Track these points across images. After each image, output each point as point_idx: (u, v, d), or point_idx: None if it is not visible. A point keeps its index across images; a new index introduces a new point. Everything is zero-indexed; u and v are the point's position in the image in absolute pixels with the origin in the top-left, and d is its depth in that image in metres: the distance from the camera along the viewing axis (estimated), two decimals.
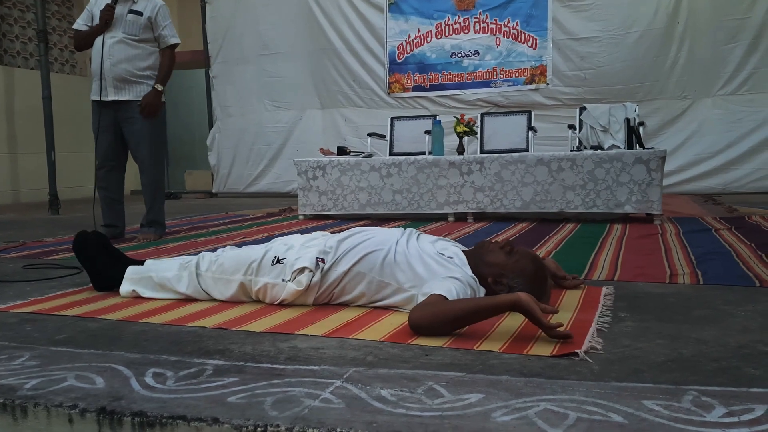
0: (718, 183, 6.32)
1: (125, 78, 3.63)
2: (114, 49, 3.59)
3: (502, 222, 4.36)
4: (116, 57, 3.60)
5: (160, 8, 3.73)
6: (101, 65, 3.57)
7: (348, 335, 1.64)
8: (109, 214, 3.79)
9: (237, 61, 7.88)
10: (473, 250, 2.00)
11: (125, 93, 3.65)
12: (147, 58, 3.69)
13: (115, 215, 3.80)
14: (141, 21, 3.64)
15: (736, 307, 1.86)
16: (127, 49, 3.62)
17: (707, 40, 6.28)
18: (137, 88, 3.67)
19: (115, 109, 3.67)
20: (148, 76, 3.71)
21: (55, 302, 2.11)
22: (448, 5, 7.05)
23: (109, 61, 3.58)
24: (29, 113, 7.65)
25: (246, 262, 2.04)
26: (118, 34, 3.59)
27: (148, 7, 3.68)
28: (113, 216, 3.80)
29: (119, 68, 3.60)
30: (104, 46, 3.57)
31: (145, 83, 3.69)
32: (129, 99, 3.66)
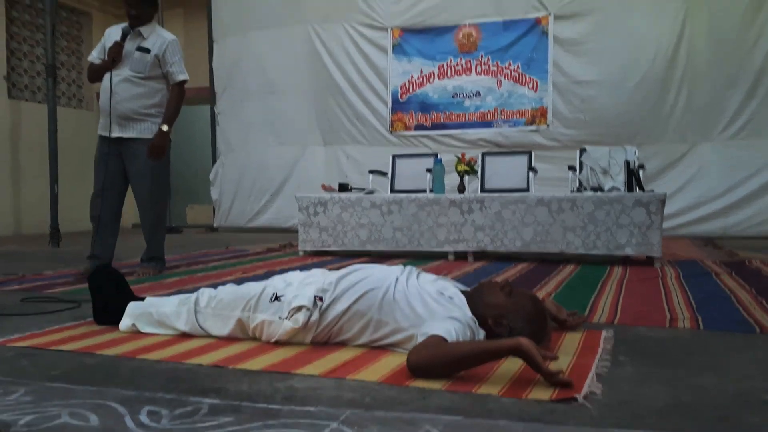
0: (718, 227, 6.33)
1: (129, 116, 3.63)
2: (119, 87, 3.58)
3: (503, 262, 4.36)
4: (121, 95, 3.59)
5: (169, 44, 3.68)
6: (109, 103, 3.57)
7: (345, 375, 1.63)
8: (96, 244, 3.67)
9: (242, 98, 7.99)
10: (473, 291, 2.00)
11: (129, 130, 3.65)
12: (153, 96, 3.68)
13: (103, 247, 3.67)
14: (148, 59, 3.62)
15: (735, 354, 1.85)
16: (131, 87, 3.61)
17: (706, 85, 6.37)
18: (141, 126, 3.67)
19: (119, 146, 3.67)
20: (154, 114, 3.70)
21: (53, 336, 2.10)
22: (450, 47, 7.18)
23: (114, 99, 3.58)
24: (34, 146, 7.73)
25: (244, 299, 2.04)
26: (124, 72, 3.59)
27: (156, 43, 3.65)
28: (101, 248, 3.67)
29: (123, 107, 3.60)
30: (111, 84, 3.57)
31: (149, 120, 3.68)
32: (133, 136, 3.66)
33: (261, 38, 7.82)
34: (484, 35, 7.05)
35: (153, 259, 3.84)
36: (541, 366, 1.49)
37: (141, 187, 3.73)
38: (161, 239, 3.89)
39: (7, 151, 7.70)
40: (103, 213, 3.66)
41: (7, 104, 7.80)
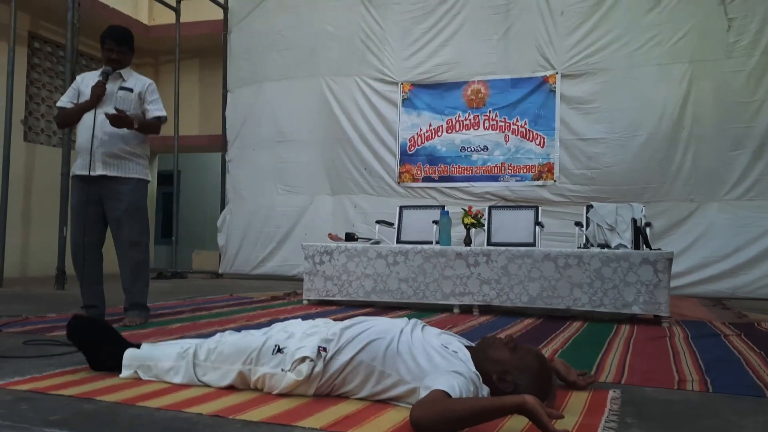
0: (726, 287, 6.26)
1: (116, 154, 3.56)
2: (105, 125, 3.50)
3: (508, 317, 4.32)
4: (107, 133, 3.51)
5: (149, 85, 3.72)
6: (91, 141, 3.48)
7: (347, 429, 1.60)
8: (87, 295, 3.61)
9: (253, 146, 8.11)
10: (477, 346, 1.98)
11: (113, 169, 3.57)
12: (137, 136, 3.64)
13: (92, 296, 3.62)
14: (132, 97, 3.62)
15: (744, 418, 1.81)
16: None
17: (712, 146, 6.42)
18: (126, 165, 3.60)
19: (99, 185, 3.57)
20: (138, 154, 3.66)
21: (53, 381, 2.09)
22: (459, 102, 7.30)
23: (100, 138, 3.49)
24: (45, 189, 7.83)
25: (245, 352, 2.02)
26: (109, 110, 3.52)
27: (138, 84, 3.69)
28: (91, 296, 3.61)
29: (110, 143, 3.52)
30: (96, 122, 3.49)
31: (134, 161, 3.63)
32: (116, 175, 3.57)
33: (274, 89, 8.00)
34: (492, 92, 7.18)
35: (135, 306, 3.65)
36: (547, 425, 1.46)
37: (121, 230, 3.62)
38: (144, 285, 3.71)
39: (20, 192, 7.80)
40: (85, 260, 3.57)
41: (23, 147, 7.94)
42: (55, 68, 8.67)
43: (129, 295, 3.66)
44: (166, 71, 9.74)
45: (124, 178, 3.61)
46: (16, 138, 7.36)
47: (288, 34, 7.98)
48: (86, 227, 3.57)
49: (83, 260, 3.58)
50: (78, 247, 3.61)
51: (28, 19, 8.04)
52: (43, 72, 8.54)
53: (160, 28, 9.47)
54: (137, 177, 3.67)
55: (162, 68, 9.99)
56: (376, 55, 7.60)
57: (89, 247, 3.60)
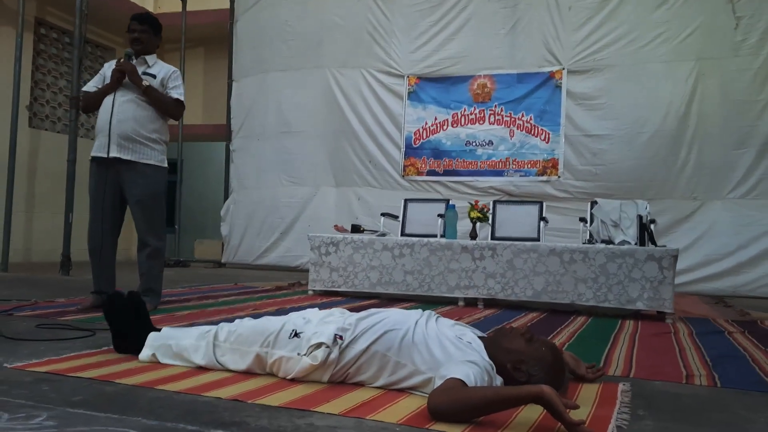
0: (728, 285, 6.30)
1: (131, 137, 3.56)
2: (123, 107, 3.55)
3: (513, 310, 4.35)
4: (124, 114, 3.54)
5: (173, 71, 3.76)
6: (110, 122, 3.51)
7: (365, 416, 1.63)
8: (99, 280, 3.65)
9: (258, 137, 8.12)
10: (492, 337, 2.01)
11: (129, 153, 3.58)
12: (155, 121, 3.67)
13: (104, 282, 3.64)
14: (155, 83, 3.66)
15: (754, 413, 1.84)
16: (136, 109, 3.59)
17: (717, 144, 6.44)
18: (142, 150, 3.62)
19: (116, 170, 3.59)
20: (155, 139, 3.67)
21: (71, 363, 2.11)
22: (465, 97, 7.31)
23: (116, 118, 3.52)
24: (50, 175, 7.84)
25: (263, 334, 2.05)
26: (129, 95, 3.57)
27: (162, 70, 3.73)
28: (103, 282, 3.64)
29: (126, 126, 3.54)
30: (114, 104, 3.53)
31: (150, 146, 3.65)
32: (132, 160, 3.59)
33: (279, 80, 8.00)
34: (498, 86, 7.19)
35: (148, 292, 3.67)
36: (564, 415, 1.48)
37: (139, 213, 3.66)
38: (159, 272, 3.77)
39: (24, 178, 7.81)
40: (100, 244, 3.60)
41: (28, 133, 7.94)
42: (60, 54, 8.66)
43: (144, 280, 3.71)
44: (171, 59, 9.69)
45: (139, 164, 3.62)
46: (21, 124, 7.37)
47: (295, 24, 7.98)
48: (102, 211, 3.59)
49: (101, 245, 3.60)
50: (94, 231, 3.63)
51: (34, 5, 8.03)
52: (49, 58, 8.54)
53: (166, 17, 9.42)
54: (154, 163, 3.69)
55: (167, 56, 9.97)
56: (382, 47, 7.60)
57: (104, 232, 3.62)
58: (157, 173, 3.70)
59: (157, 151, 3.72)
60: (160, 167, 3.73)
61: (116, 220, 3.72)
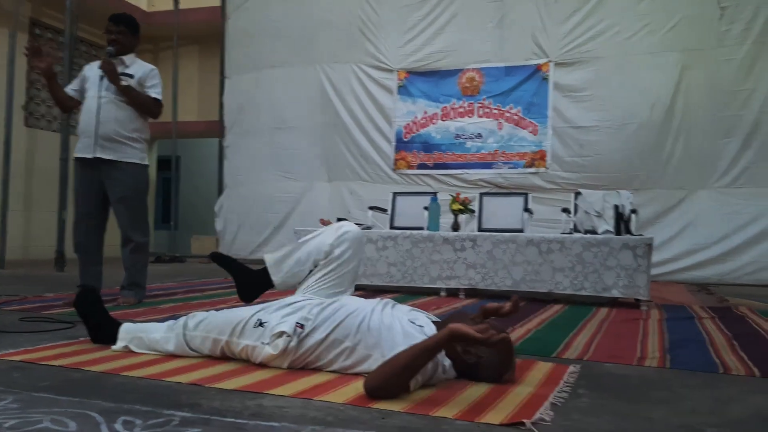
0: (713, 273, 6.36)
1: (112, 137, 3.65)
2: (104, 108, 3.63)
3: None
4: (105, 116, 3.63)
5: (151, 71, 3.83)
6: (92, 124, 3.60)
7: (313, 397, 1.72)
8: (85, 275, 3.74)
9: (251, 133, 8.20)
10: (445, 321, 2.09)
11: (110, 153, 3.66)
12: (135, 120, 3.74)
13: (91, 276, 3.74)
14: (132, 83, 3.73)
15: (692, 391, 1.93)
16: (116, 109, 3.67)
17: (702, 134, 6.49)
18: (123, 149, 3.70)
19: (99, 168, 3.68)
20: (135, 138, 3.75)
21: (45, 353, 2.21)
22: (454, 90, 7.37)
23: (99, 119, 3.62)
24: (46, 173, 7.95)
25: (233, 323, 2.15)
26: (108, 95, 3.65)
27: (140, 70, 3.80)
28: (89, 277, 3.73)
29: (107, 127, 3.63)
30: (97, 106, 3.62)
31: (131, 145, 3.73)
32: (113, 159, 3.67)
33: (272, 76, 8.07)
34: (486, 79, 7.25)
35: (133, 286, 3.77)
36: (477, 337, 1.64)
37: (121, 210, 3.75)
38: (143, 266, 3.85)
39: (22, 177, 7.92)
40: (87, 241, 3.72)
41: (23, 132, 8.05)
42: (55, 54, 8.75)
43: (129, 274, 3.80)
44: (165, 57, 9.81)
45: (120, 163, 3.71)
46: (17, 123, 7.48)
47: (285, 21, 8.04)
48: (88, 209, 3.71)
49: (86, 241, 3.72)
50: (79, 228, 3.75)
51: (29, 5, 8.12)
52: None
53: (159, 15, 9.54)
54: (135, 162, 3.77)
55: (161, 54, 10.07)
56: (372, 42, 7.67)
57: (90, 229, 3.74)
58: (138, 171, 3.79)
59: (138, 149, 3.79)
60: (141, 165, 3.81)
61: (101, 218, 3.82)
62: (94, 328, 2.40)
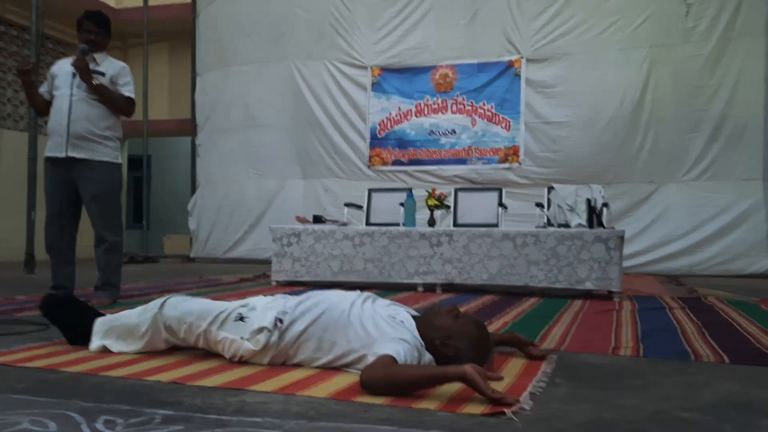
0: (684, 265, 6.51)
1: (84, 136, 3.61)
2: (75, 107, 3.59)
3: (470, 294, 4.48)
4: (76, 114, 3.59)
5: (122, 68, 3.80)
6: (64, 123, 3.56)
7: (295, 392, 1.72)
8: (58, 275, 3.70)
9: (223, 131, 8.14)
10: (423, 315, 2.12)
11: (82, 151, 3.63)
12: (107, 118, 3.71)
13: (63, 276, 3.71)
14: (104, 81, 3.69)
15: (665, 378, 1.98)
16: (87, 108, 3.63)
17: (671, 128, 6.64)
18: (95, 148, 3.66)
19: (71, 168, 3.64)
20: (108, 137, 3.71)
21: (19, 355, 2.18)
22: (427, 87, 7.41)
23: (71, 118, 3.57)
24: (12, 174, 7.77)
25: (213, 313, 2.14)
26: (80, 93, 3.62)
27: (111, 67, 3.76)
28: (62, 277, 3.70)
29: (79, 126, 3.59)
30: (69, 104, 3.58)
31: (103, 143, 3.69)
32: (85, 158, 3.64)
33: (243, 73, 8.01)
34: (459, 76, 7.30)
35: (107, 286, 3.73)
36: (485, 391, 1.58)
37: (94, 210, 3.71)
38: (117, 266, 3.81)
39: None
40: (58, 241, 3.68)
41: None
42: (21, 52, 8.56)
43: (102, 274, 3.75)
44: (134, 55, 9.66)
45: (93, 161, 3.67)
46: None
47: (256, 17, 8.00)
48: (59, 209, 3.65)
49: (58, 241, 3.67)
50: (50, 228, 3.69)
51: None
52: (9, 56, 8.44)
53: (128, 12, 9.39)
54: (107, 160, 3.73)
55: (130, 52, 9.91)
56: (345, 39, 7.67)
57: (62, 228, 3.69)
58: (111, 170, 3.74)
59: (111, 148, 3.75)
60: (114, 164, 3.76)
61: (73, 218, 3.77)
62: (67, 329, 2.37)
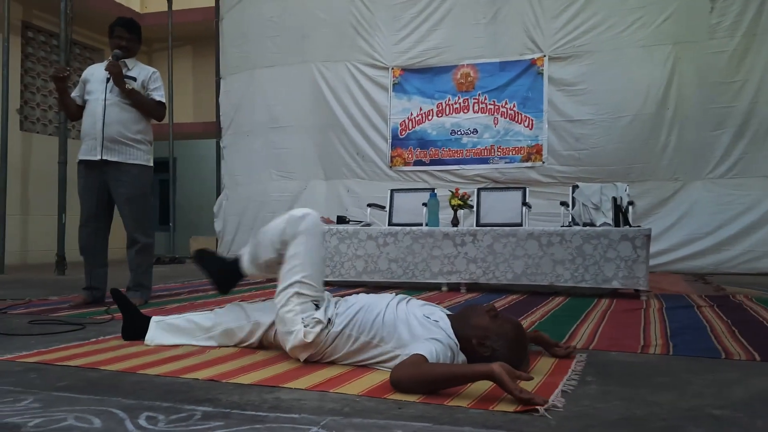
0: (710, 263, 6.43)
1: (117, 139, 3.70)
2: (108, 111, 3.68)
3: (494, 293, 4.48)
4: (110, 118, 3.68)
5: (153, 73, 3.90)
6: (98, 126, 3.64)
7: (329, 389, 1.76)
8: (91, 276, 3.78)
9: (247, 133, 8.23)
10: (459, 313, 2.13)
11: (115, 154, 3.72)
12: (138, 122, 3.80)
13: (95, 278, 3.79)
14: (135, 85, 3.78)
15: (696, 376, 1.98)
16: (120, 112, 3.72)
17: (696, 125, 6.56)
18: (127, 151, 3.75)
19: (103, 170, 3.73)
20: (140, 140, 3.80)
21: (58, 354, 2.24)
22: (449, 86, 7.42)
23: (104, 122, 3.66)
24: (42, 177, 7.95)
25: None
26: (113, 98, 3.71)
27: (142, 72, 3.86)
28: (94, 279, 3.78)
29: (112, 129, 3.68)
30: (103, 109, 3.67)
31: (135, 147, 3.78)
32: (118, 161, 3.73)
33: (266, 76, 8.09)
34: (481, 75, 7.29)
35: (138, 287, 3.81)
36: (513, 390, 1.58)
37: (127, 212, 3.80)
38: (148, 267, 3.89)
39: (18, 181, 7.92)
40: (91, 243, 3.77)
41: (19, 137, 8.05)
42: (49, 57, 8.74)
43: (134, 275, 3.84)
44: (159, 58, 9.82)
45: (125, 164, 3.76)
46: (13, 127, 7.47)
47: (279, 20, 8.07)
48: (92, 211, 3.74)
49: (91, 243, 3.76)
50: (84, 230, 3.78)
51: (20, 8, 8.11)
52: (38, 61, 8.62)
53: (153, 16, 9.54)
54: (139, 163, 3.82)
55: (155, 56, 10.07)
56: (366, 40, 7.70)
57: (95, 231, 3.78)
58: (143, 172, 3.82)
59: (143, 151, 3.83)
60: (146, 166, 3.85)
61: (105, 220, 3.87)
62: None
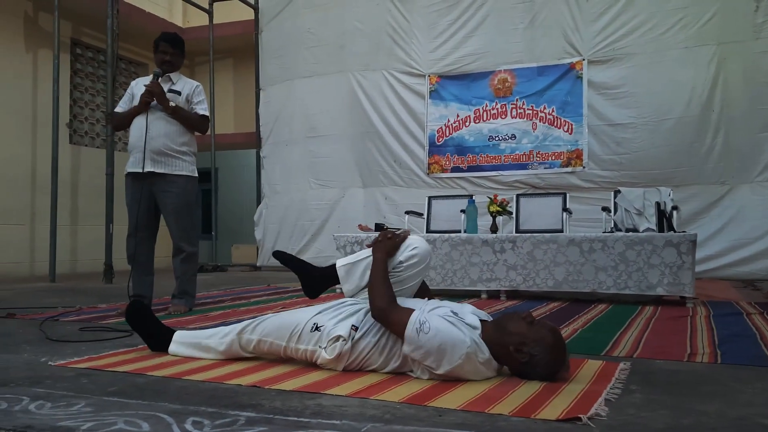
0: (759, 268, 6.23)
1: (163, 151, 3.80)
2: (154, 124, 3.77)
3: (535, 300, 4.44)
4: (155, 131, 3.78)
5: (196, 87, 4.00)
6: (143, 140, 3.75)
7: (370, 396, 1.77)
8: (137, 285, 3.85)
9: (286, 143, 8.35)
10: (497, 320, 2.12)
11: (161, 166, 3.81)
12: (183, 134, 3.90)
13: (143, 286, 3.87)
14: (180, 99, 3.88)
15: (745, 385, 1.92)
16: (165, 125, 3.82)
17: (742, 128, 6.38)
18: (173, 162, 3.85)
19: (150, 182, 3.82)
20: (184, 152, 3.90)
21: (108, 360, 2.31)
22: (486, 92, 7.39)
23: (149, 135, 3.76)
24: (91, 189, 8.20)
25: (289, 329, 2.21)
26: (157, 112, 3.82)
27: (186, 86, 3.96)
28: (141, 287, 3.86)
29: (158, 142, 3.78)
30: (147, 123, 3.78)
31: (180, 158, 3.88)
32: (164, 172, 3.82)
33: (305, 86, 8.21)
34: (518, 80, 7.25)
35: (183, 295, 3.91)
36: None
37: (171, 220, 3.89)
38: (192, 275, 3.98)
39: (68, 193, 8.19)
40: (137, 252, 3.87)
41: (68, 150, 8.32)
42: (96, 72, 9.04)
43: (179, 283, 3.93)
44: (201, 71, 10.04)
45: (171, 175, 3.86)
46: (62, 141, 7.74)
47: (317, 31, 8.18)
48: (139, 222, 3.85)
49: (138, 252, 3.86)
50: (132, 240, 3.89)
51: (70, 26, 8.41)
52: (86, 77, 8.92)
53: (195, 30, 9.77)
54: (185, 174, 3.92)
55: (197, 69, 10.31)
56: (403, 48, 7.74)
57: (142, 240, 3.88)
58: (188, 183, 3.92)
59: (187, 162, 3.93)
60: (191, 177, 3.94)
61: (152, 229, 3.98)
62: (147, 337, 2.50)
